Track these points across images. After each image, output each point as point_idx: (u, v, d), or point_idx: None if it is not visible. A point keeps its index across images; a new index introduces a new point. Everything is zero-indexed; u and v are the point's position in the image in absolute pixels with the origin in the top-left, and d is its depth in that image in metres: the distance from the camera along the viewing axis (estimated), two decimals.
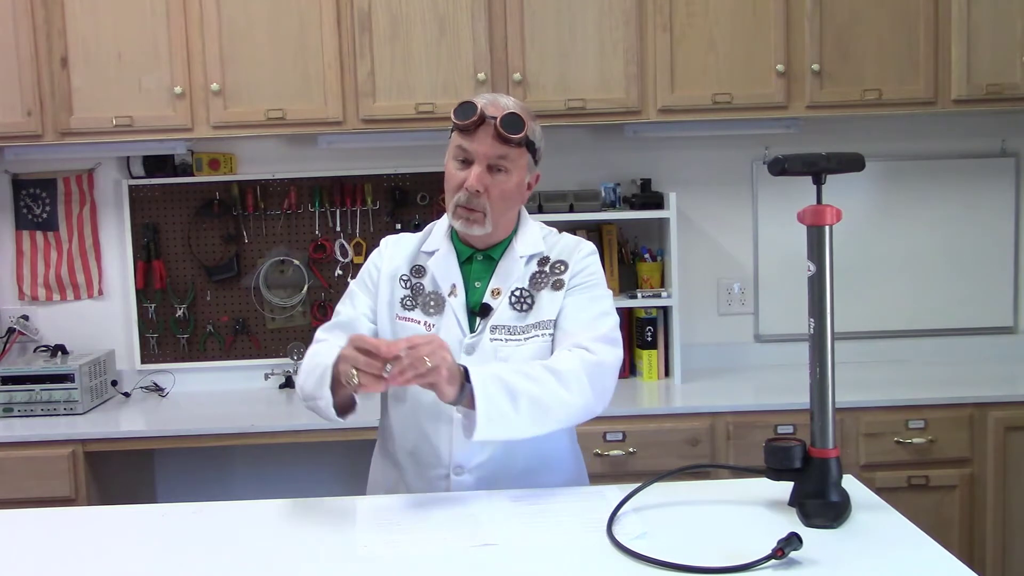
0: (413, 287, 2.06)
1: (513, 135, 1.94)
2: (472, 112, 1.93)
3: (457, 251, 2.06)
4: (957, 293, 3.65)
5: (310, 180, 3.58)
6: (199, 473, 3.65)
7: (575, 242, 2.10)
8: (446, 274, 2.04)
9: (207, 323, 3.62)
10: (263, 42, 3.21)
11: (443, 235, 2.09)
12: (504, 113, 1.94)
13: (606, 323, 2.00)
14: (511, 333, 2.00)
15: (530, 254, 2.06)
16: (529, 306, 2.02)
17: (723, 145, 3.60)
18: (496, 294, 2.02)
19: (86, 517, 2.02)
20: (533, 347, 1.99)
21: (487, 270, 2.05)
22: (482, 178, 1.95)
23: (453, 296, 2.02)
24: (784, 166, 1.76)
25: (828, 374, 1.76)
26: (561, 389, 1.86)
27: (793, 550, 1.53)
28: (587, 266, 2.05)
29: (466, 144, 1.96)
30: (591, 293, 2.03)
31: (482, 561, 1.60)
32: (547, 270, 2.05)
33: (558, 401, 1.86)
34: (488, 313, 2.01)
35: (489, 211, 1.97)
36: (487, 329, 2.00)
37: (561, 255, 2.06)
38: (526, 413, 1.82)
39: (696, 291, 3.62)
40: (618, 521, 1.71)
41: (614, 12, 3.22)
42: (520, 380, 1.84)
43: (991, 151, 3.64)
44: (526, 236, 2.08)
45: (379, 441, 2.16)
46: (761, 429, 3.02)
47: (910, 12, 3.24)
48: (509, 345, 1.99)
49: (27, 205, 3.58)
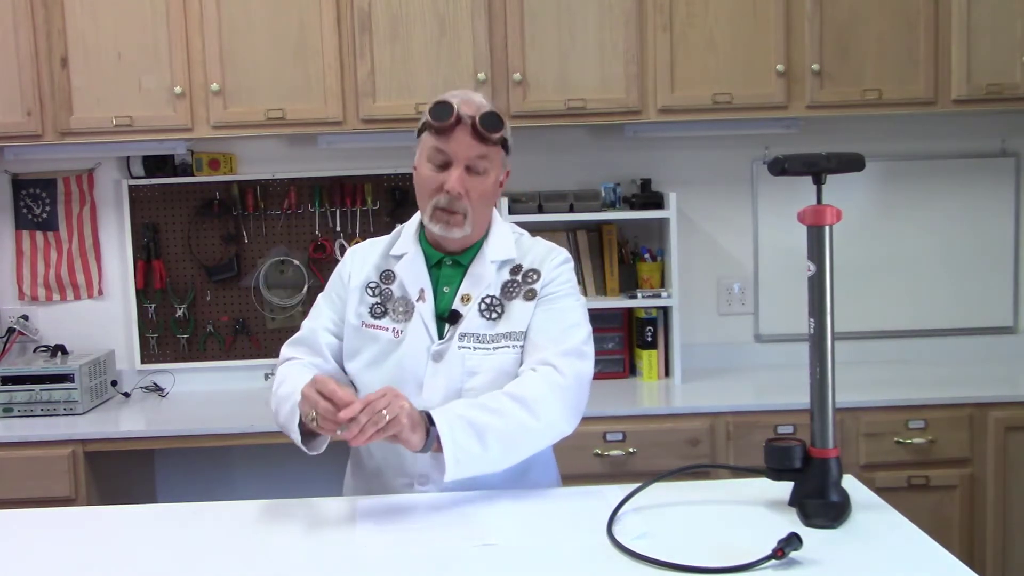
0: (382, 293, 2.03)
1: (493, 133, 1.91)
2: (450, 112, 1.90)
3: (426, 255, 2.03)
4: (957, 293, 3.65)
5: (310, 180, 3.58)
6: (199, 473, 3.65)
7: (548, 249, 2.05)
8: (414, 279, 2.00)
9: (207, 323, 3.62)
10: (263, 42, 3.21)
11: (412, 238, 2.05)
12: (482, 112, 1.91)
13: (576, 335, 1.96)
14: (480, 341, 1.96)
15: (502, 260, 2.01)
16: (499, 314, 1.98)
17: (723, 145, 3.60)
18: (466, 300, 1.98)
19: (86, 517, 2.02)
20: (502, 357, 1.96)
21: (457, 275, 2.01)
22: (463, 180, 1.92)
23: (421, 301, 1.99)
24: (784, 166, 1.76)
25: (828, 374, 1.76)
26: (529, 418, 1.84)
27: (793, 550, 1.53)
28: (559, 275, 2.01)
29: (443, 145, 1.92)
30: (562, 304, 1.99)
31: (482, 561, 1.60)
32: (519, 279, 2.00)
33: (526, 431, 1.84)
34: (457, 320, 1.97)
35: (470, 213, 1.95)
36: (455, 336, 1.96)
37: (534, 263, 2.02)
38: (495, 449, 1.81)
39: (696, 291, 3.62)
40: (618, 521, 1.71)
41: (614, 12, 3.22)
42: (485, 417, 1.81)
43: (991, 151, 3.64)
44: (497, 240, 2.03)
45: (352, 451, 2.14)
46: (761, 429, 3.01)
47: (910, 12, 3.24)
48: (477, 354, 1.95)
49: (27, 205, 3.58)
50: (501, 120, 1.93)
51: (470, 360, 1.95)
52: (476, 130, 1.91)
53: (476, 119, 1.90)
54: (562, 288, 2.00)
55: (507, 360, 1.96)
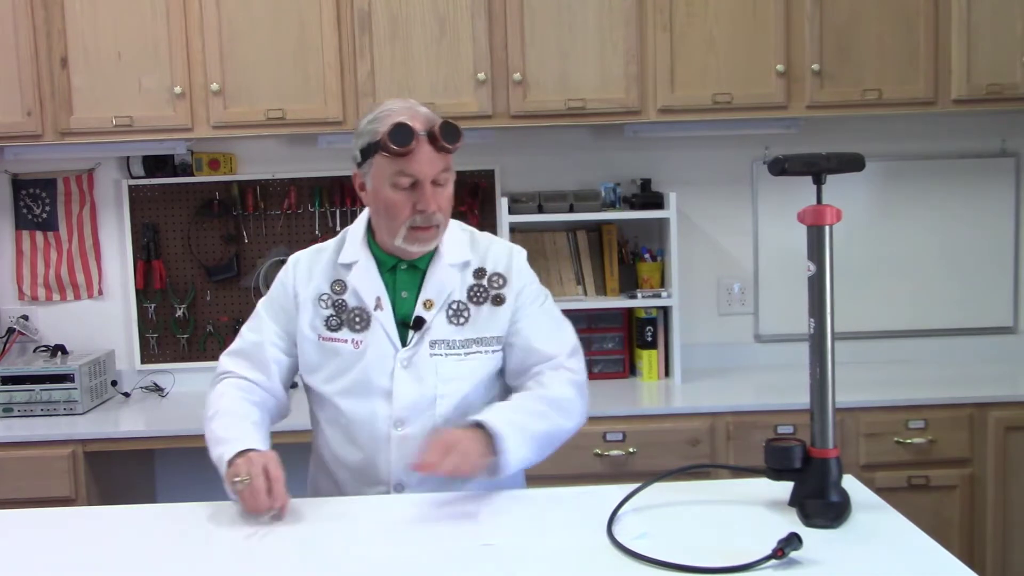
0: (335, 304, 1.99)
1: (454, 144, 1.88)
2: (410, 136, 1.84)
3: (378, 260, 2.00)
4: (957, 293, 3.65)
5: (310, 180, 3.58)
6: (199, 473, 3.61)
7: (507, 251, 2.05)
8: (369, 287, 1.97)
9: (207, 323, 3.62)
10: (263, 42, 3.21)
11: (360, 245, 2.01)
12: (439, 124, 1.88)
13: (570, 332, 2.06)
14: (450, 347, 1.97)
15: (460, 262, 2.00)
16: (466, 319, 1.98)
17: (723, 145, 3.60)
18: (429, 306, 1.97)
19: (86, 517, 2.02)
20: (474, 363, 1.98)
21: (413, 279, 1.99)
22: (435, 196, 1.90)
23: (379, 310, 1.97)
24: (784, 166, 1.76)
25: (828, 374, 1.75)
26: (563, 420, 1.95)
27: (793, 550, 1.53)
28: (530, 280, 2.04)
29: (407, 168, 1.87)
30: (544, 305, 2.05)
31: (481, 561, 1.59)
32: (485, 283, 2.00)
33: (563, 433, 1.97)
34: (421, 325, 1.96)
35: (442, 222, 1.94)
36: (424, 343, 1.96)
37: (497, 267, 2.02)
38: (538, 451, 1.92)
39: (696, 291, 3.62)
40: (618, 521, 1.71)
41: (614, 12, 3.22)
42: (535, 422, 1.90)
43: (991, 151, 3.64)
44: (450, 242, 2.01)
45: (314, 453, 2.12)
46: (761, 429, 3.01)
47: (910, 12, 3.24)
48: (450, 360, 1.96)
49: (27, 205, 3.58)
50: (459, 130, 1.89)
51: (443, 366, 1.96)
52: (436, 144, 1.87)
53: (437, 133, 1.86)
54: (536, 290, 2.06)
55: (479, 365, 1.98)
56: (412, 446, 1.90)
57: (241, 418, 1.92)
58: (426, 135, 1.87)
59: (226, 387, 2.00)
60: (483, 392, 2.01)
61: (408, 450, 1.91)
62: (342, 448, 2.01)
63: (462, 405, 1.97)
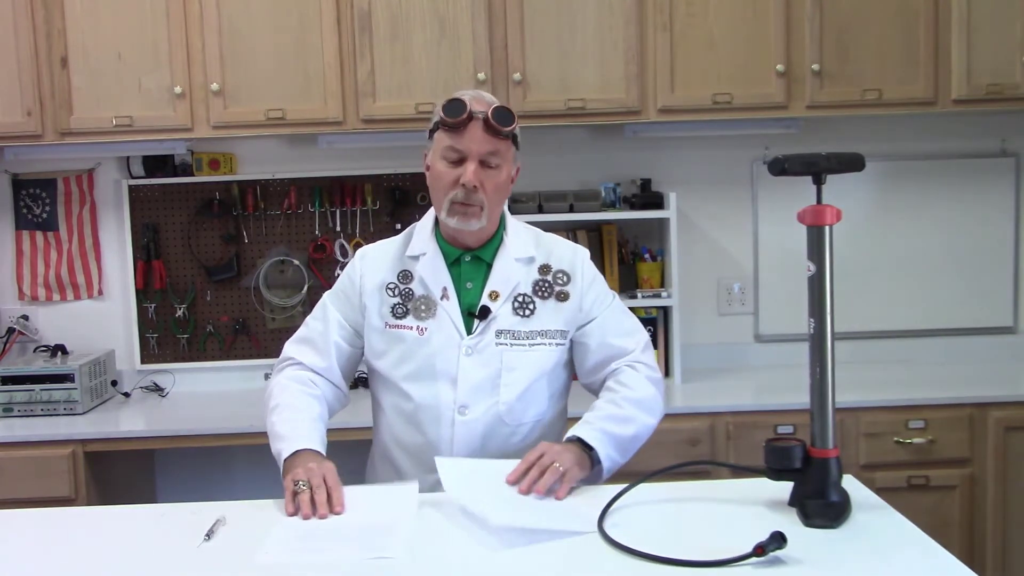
0: (402, 293, 2.06)
1: (505, 128, 1.96)
2: (463, 108, 1.94)
3: (444, 253, 2.07)
4: (957, 293, 3.65)
5: (310, 180, 3.58)
6: (199, 473, 3.65)
7: (571, 250, 2.12)
8: (436, 277, 2.04)
9: (207, 323, 3.62)
10: (263, 42, 3.21)
11: (428, 237, 2.08)
12: (493, 107, 1.96)
13: (639, 328, 2.14)
14: (515, 338, 2.02)
15: (526, 257, 2.07)
16: (531, 311, 2.04)
17: (723, 145, 3.60)
18: (495, 297, 2.03)
19: (86, 517, 2.02)
20: (538, 354, 2.04)
21: (478, 271, 2.06)
22: (478, 173, 1.96)
23: (445, 299, 2.03)
24: (784, 166, 1.76)
25: (828, 374, 1.75)
26: (649, 419, 2.04)
27: (776, 549, 1.52)
28: (595, 278, 2.11)
29: (456, 143, 1.96)
30: (612, 304, 2.12)
31: (480, 560, 1.59)
32: (550, 279, 2.07)
33: (647, 430, 2.04)
34: (487, 315, 2.01)
35: (486, 205, 1.98)
36: (490, 332, 2.02)
37: (561, 264, 2.09)
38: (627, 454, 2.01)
39: (696, 291, 3.62)
40: (610, 516, 1.72)
41: (614, 12, 3.22)
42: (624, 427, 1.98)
43: (991, 151, 3.64)
44: (516, 237, 2.09)
45: (376, 444, 2.17)
46: (761, 429, 3.01)
47: (910, 12, 3.24)
48: (515, 350, 2.02)
49: (27, 205, 3.58)
50: (512, 115, 1.98)
51: (508, 355, 2.01)
52: (488, 125, 1.95)
53: (488, 114, 1.94)
54: (603, 289, 2.12)
55: (543, 356, 2.04)
56: (474, 431, 1.99)
57: (300, 412, 2.00)
58: (480, 115, 1.95)
59: (289, 379, 2.07)
60: (546, 383, 2.07)
61: (470, 435, 2.00)
62: (405, 432, 2.06)
63: (525, 394, 2.03)
